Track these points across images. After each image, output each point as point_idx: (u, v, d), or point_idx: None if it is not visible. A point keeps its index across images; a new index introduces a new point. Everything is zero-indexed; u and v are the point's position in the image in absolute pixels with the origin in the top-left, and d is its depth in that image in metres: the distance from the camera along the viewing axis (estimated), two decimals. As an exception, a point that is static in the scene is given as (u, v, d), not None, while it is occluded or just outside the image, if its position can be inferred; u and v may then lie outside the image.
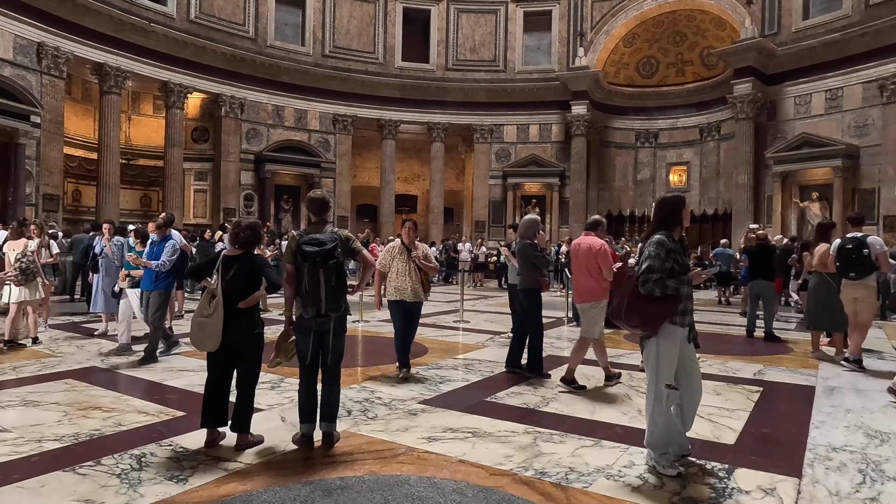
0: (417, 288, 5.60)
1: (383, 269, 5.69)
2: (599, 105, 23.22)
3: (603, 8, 22.42)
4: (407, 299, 5.57)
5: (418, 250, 5.69)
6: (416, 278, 5.59)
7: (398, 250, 5.68)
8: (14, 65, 15.11)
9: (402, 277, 5.57)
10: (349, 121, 22.73)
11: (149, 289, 6.32)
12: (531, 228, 6.11)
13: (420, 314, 5.87)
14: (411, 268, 5.60)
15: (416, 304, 5.70)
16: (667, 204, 3.57)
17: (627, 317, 3.38)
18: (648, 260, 3.34)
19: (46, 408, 4.47)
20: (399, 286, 5.57)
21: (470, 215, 24.73)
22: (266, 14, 21.04)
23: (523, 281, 6.02)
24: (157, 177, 20.33)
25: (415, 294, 5.59)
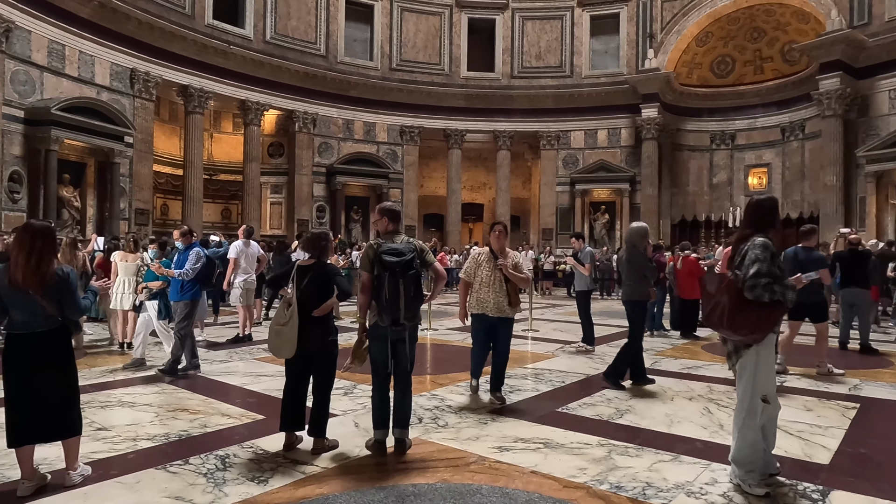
0: (502, 301, 4.93)
1: (468, 279, 5.08)
2: (671, 107, 22.46)
3: (673, 7, 21.73)
4: (489, 313, 4.95)
5: (507, 258, 5.02)
6: (501, 290, 4.93)
7: (485, 258, 5.07)
8: (110, 90, 16.37)
9: (485, 288, 4.96)
10: (416, 132, 23.10)
11: (175, 299, 6.12)
12: (641, 237, 5.89)
13: (509, 333, 5.11)
14: (496, 278, 4.94)
15: (501, 321, 4.98)
16: (761, 206, 3.40)
17: (732, 324, 3.16)
18: (756, 264, 3.13)
19: (140, 409, 4.78)
20: (482, 298, 4.98)
21: (537, 223, 24.48)
22: (336, 31, 21.78)
23: (631, 292, 5.77)
24: (237, 190, 21.38)
25: (498, 308, 4.93)
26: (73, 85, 15.38)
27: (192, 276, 6.04)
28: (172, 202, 20.71)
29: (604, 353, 7.61)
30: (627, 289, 5.84)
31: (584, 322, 7.94)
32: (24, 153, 14.20)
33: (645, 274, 5.74)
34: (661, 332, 9.55)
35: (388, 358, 3.80)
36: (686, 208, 23.01)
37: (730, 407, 4.94)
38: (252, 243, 8.76)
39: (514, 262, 5.03)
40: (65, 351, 3.18)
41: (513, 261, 5.03)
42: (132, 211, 16.92)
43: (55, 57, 14.99)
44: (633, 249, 5.83)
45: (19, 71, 14.13)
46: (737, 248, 3.35)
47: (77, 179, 15.57)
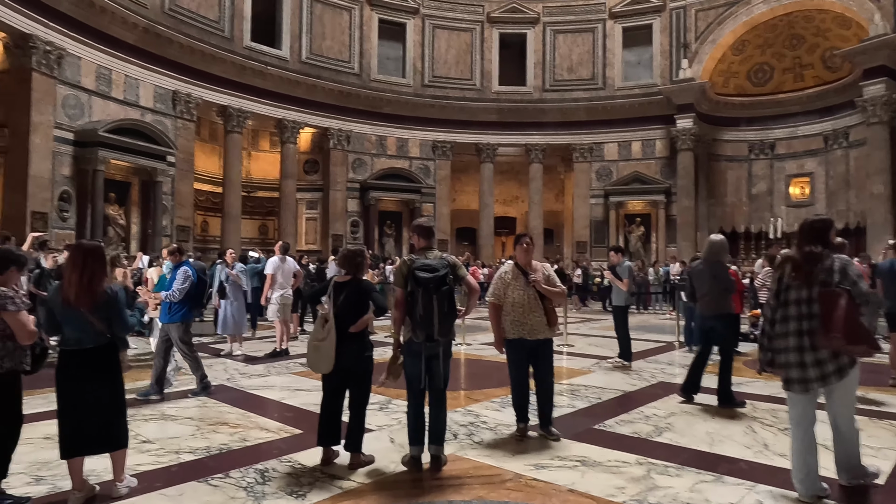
0: (539, 321, 4.39)
1: (497, 301, 4.49)
2: (707, 117, 22.09)
3: (708, 17, 21.45)
4: (527, 336, 4.40)
5: (537, 273, 4.48)
6: (537, 309, 4.38)
7: (512, 275, 4.49)
8: (154, 111, 17.00)
9: (518, 309, 4.38)
10: (448, 147, 23.25)
11: (164, 321, 5.83)
12: (723, 250, 5.77)
13: (550, 356, 4.57)
14: (530, 295, 4.40)
15: (541, 344, 4.44)
16: (814, 228, 3.41)
17: (852, 339, 3.11)
18: (861, 281, 3.24)
19: (182, 422, 4.90)
20: (516, 319, 4.40)
21: (570, 236, 24.28)
22: (370, 50, 22.19)
23: (716, 306, 5.59)
24: (274, 207, 21.85)
25: (536, 329, 4.39)
26: (119, 107, 16.03)
27: (180, 297, 5.70)
28: (212, 219, 21.26)
29: (641, 369, 7.47)
30: (709, 303, 5.62)
31: (622, 337, 7.81)
32: (73, 173, 14.83)
33: (727, 287, 5.58)
34: (700, 346, 9.32)
35: (423, 374, 3.81)
36: (724, 220, 22.49)
37: (774, 426, 4.79)
38: (288, 259, 8.92)
39: (544, 275, 4.50)
40: (113, 366, 3.30)
41: (543, 274, 4.50)
42: (174, 228, 17.44)
43: (103, 81, 15.66)
44: (713, 263, 5.67)
45: (70, 95, 14.81)
46: (812, 266, 3.29)
47: (122, 198, 16.15)
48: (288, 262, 8.81)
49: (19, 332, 3.12)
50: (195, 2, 17.95)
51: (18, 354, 3.18)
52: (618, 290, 7.94)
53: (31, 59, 13.72)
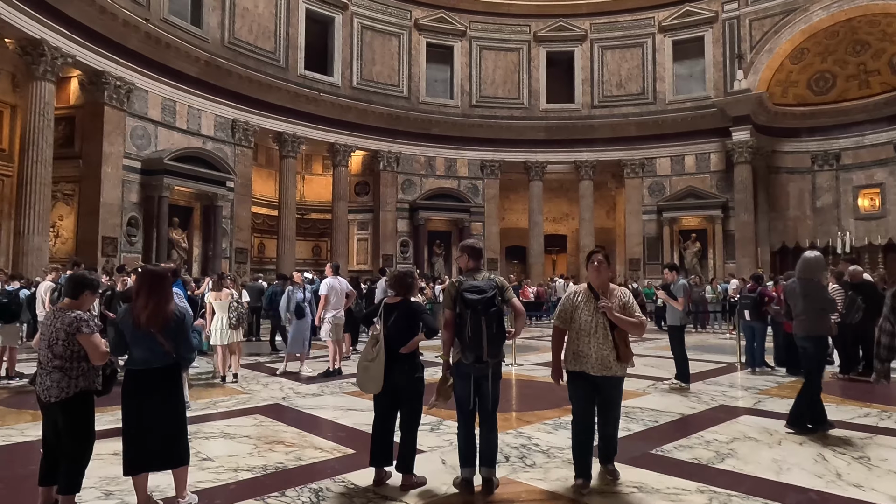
0: (607, 355, 3.75)
1: (562, 325, 3.94)
2: (765, 129, 21.35)
3: (763, 26, 20.84)
4: (590, 371, 3.77)
5: (611, 297, 3.85)
6: (605, 340, 3.76)
7: (583, 297, 3.90)
8: (214, 140, 17.83)
9: (585, 338, 3.80)
10: (496, 165, 23.32)
11: None
12: (818, 267, 5.55)
13: (618, 396, 3.93)
14: (600, 324, 3.78)
15: (607, 382, 3.79)
16: None
17: None
18: None
19: (240, 440, 5.04)
20: (581, 350, 3.80)
21: (623, 253, 23.78)
22: (418, 73, 22.63)
23: (811, 327, 5.29)
24: (326, 228, 22.40)
25: (602, 364, 3.75)
26: (183, 136, 16.90)
27: None
28: (268, 241, 21.97)
29: (700, 392, 7.20)
30: (804, 323, 5.33)
31: (678, 358, 7.56)
32: (141, 200, 15.68)
33: (824, 307, 5.35)
34: (763, 368, 8.91)
35: (472, 395, 3.80)
36: (786, 234, 21.56)
37: (847, 454, 4.51)
38: (340, 279, 9.08)
39: (621, 301, 3.85)
40: (177, 386, 3.44)
41: (620, 300, 3.85)
42: (233, 250, 18.13)
43: (168, 112, 16.57)
44: (808, 281, 5.42)
45: (137, 126, 15.73)
46: None
47: (185, 222, 16.93)
48: (341, 282, 8.96)
49: (93, 353, 3.31)
50: (252, 34, 18.83)
51: (91, 375, 3.36)
52: (673, 309, 7.70)
53: (104, 94, 14.69)
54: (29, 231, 13.01)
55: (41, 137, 13.29)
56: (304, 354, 8.69)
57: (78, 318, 3.30)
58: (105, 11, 14.28)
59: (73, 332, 3.27)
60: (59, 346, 3.27)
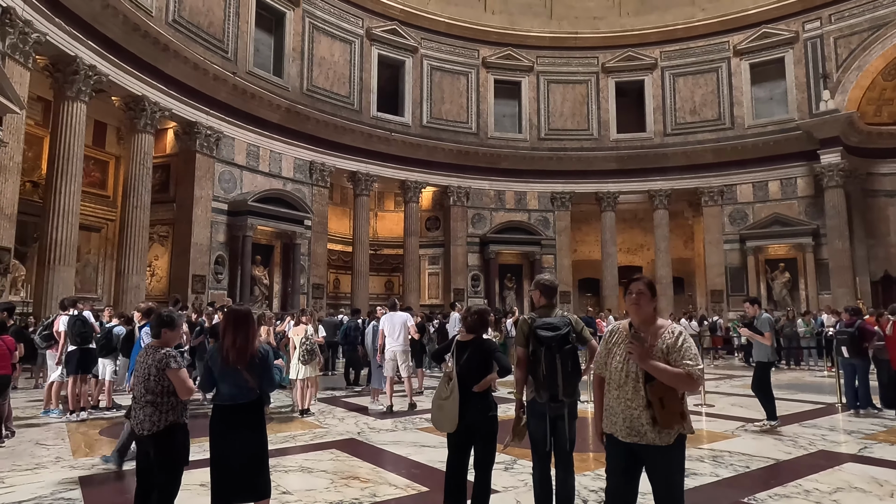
0: (637, 415, 2.75)
1: (601, 373, 3.01)
2: (857, 150, 20.03)
3: (850, 43, 19.77)
4: (618, 435, 2.82)
5: (654, 338, 2.82)
6: (636, 395, 2.77)
7: (619, 337, 2.96)
8: (293, 181, 18.77)
9: (614, 390, 2.88)
10: (567, 197, 23.10)
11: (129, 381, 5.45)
12: None
13: (669, 474, 2.75)
14: (630, 372, 2.82)
15: (646, 451, 2.75)
16: None
17: None
18: None
19: (317, 475, 5.14)
20: (609, 406, 2.91)
21: (704, 285, 22.71)
22: (486, 110, 22.99)
23: None
24: (398, 263, 22.84)
25: (630, 426, 2.77)
26: (265, 179, 17.89)
27: None
28: (343, 276, 22.64)
29: (796, 435, 6.68)
30: None
31: (764, 397, 7.09)
32: (227, 239, 16.65)
33: None
34: (869, 410, 8.16)
35: (548, 435, 3.70)
36: (889, 262, 19.91)
37: (975, 510, 4.02)
38: (396, 314, 9.02)
39: (664, 343, 2.80)
40: (260, 420, 3.58)
41: (665, 342, 2.80)
42: (310, 286, 18.81)
43: (251, 157, 17.65)
44: None
45: (225, 171, 16.82)
46: None
47: (266, 260, 17.79)
48: (395, 316, 8.93)
49: (180, 387, 3.51)
50: (329, 81, 19.87)
51: (179, 409, 3.56)
52: (759, 344, 7.26)
53: (196, 143, 15.87)
54: (128, 270, 14.08)
55: (140, 184, 14.48)
56: (377, 390, 8.79)
57: (167, 354, 3.53)
58: (198, 68, 15.54)
59: (162, 368, 3.49)
60: (151, 381, 3.49)
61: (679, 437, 2.74)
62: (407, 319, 8.83)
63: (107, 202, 16.37)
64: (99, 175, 16.35)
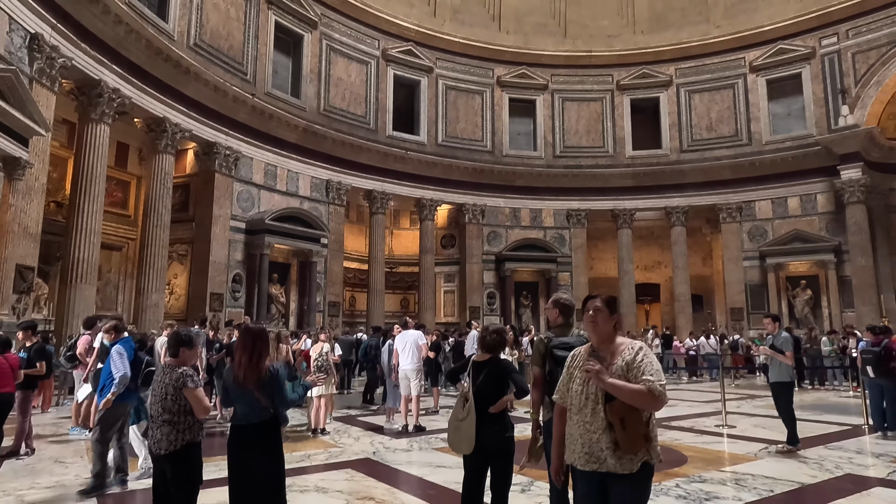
0: (596, 439, 2.56)
1: (562, 401, 2.82)
2: (879, 165, 19.75)
3: (868, 58, 19.60)
4: (576, 463, 2.64)
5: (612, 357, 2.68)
6: (595, 417, 2.58)
7: (581, 360, 2.76)
8: (310, 200, 18.95)
9: (574, 415, 2.69)
10: (582, 214, 23.02)
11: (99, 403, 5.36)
12: None
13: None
14: (590, 395, 2.63)
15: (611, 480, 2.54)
16: None
17: None
18: None
19: (333, 495, 5.11)
20: (571, 434, 2.69)
21: (723, 302, 22.37)
22: (501, 128, 23.10)
23: None
24: (414, 281, 22.85)
25: (589, 452, 2.58)
26: (282, 198, 18.09)
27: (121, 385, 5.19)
28: (359, 294, 22.69)
29: (822, 458, 6.51)
30: None
31: (787, 419, 6.92)
32: (244, 258, 16.80)
33: None
34: (897, 432, 7.93)
35: (566, 457, 3.65)
36: (915, 279, 19.46)
37: None
38: (408, 332, 8.99)
39: (624, 360, 2.62)
40: (276, 440, 3.58)
41: (623, 359, 2.63)
42: (326, 304, 18.87)
43: (269, 176, 17.88)
44: None
45: (243, 190, 17.05)
46: None
47: (283, 278, 17.90)
48: (407, 334, 8.88)
49: (196, 406, 3.53)
50: (345, 101, 20.14)
51: (196, 428, 3.58)
52: (779, 364, 7.10)
53: (215, 163, 16.12)
54: (148, 289, 14.26)
55: (161, 204, 14.72)
56: (392, 409, 8.75)
57: (184, 373, 3.56)
58: (218, 90, 15.85)
59: (179, 387, 3.51)
60: (168, 400, 3.52)
61: (644, 466, 2.51)
62: (419, 338, 8.79)
63: (128, 221, 16.65)
64: (121, 195, 16.66)
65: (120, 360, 5.29)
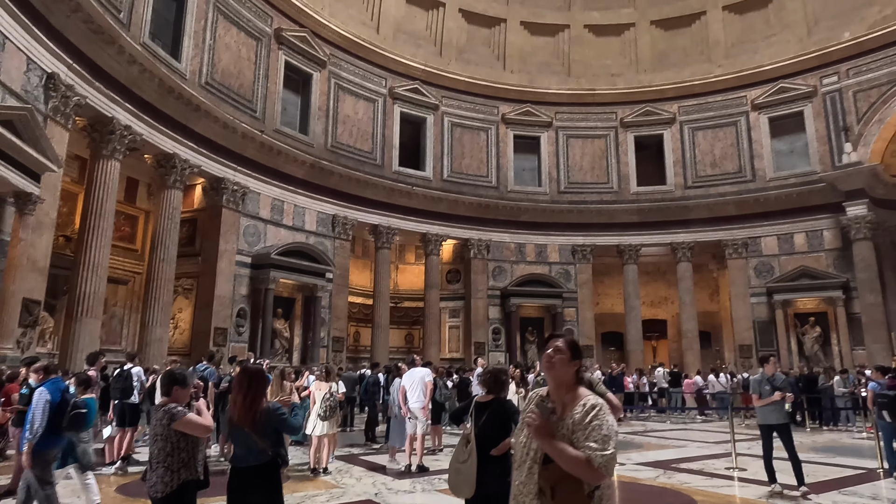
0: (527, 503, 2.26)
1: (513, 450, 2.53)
2: (884, 202, 19.73)
3: (870, 97, 19.80)
4: None
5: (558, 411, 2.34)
6: (529, 477, 2.28)
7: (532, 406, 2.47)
8: (316, 234, 19.06)
9: (515, 471, 2.40)
10: (588, 250, 23.01)
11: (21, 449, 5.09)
12: None
13: None
14: (531, 449, 2.30)
15: None
16: None
17: None
18: None
19: (332, 539, 4.98)
20: (513, 491, 2.36)
21: (732, 339, 22.11)
22: (506, 164, 23.33)
23: None
24: (419, 316, 22.75)
25: None
26: (288, 232, 18.21)
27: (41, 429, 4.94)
28: (363, 329, 22.60)
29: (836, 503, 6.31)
30: None
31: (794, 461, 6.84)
32: (249, 292, 16.82)
33: None
34: (912, 476, 7.71)
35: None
36: (926, 317, 19.20)
37: None
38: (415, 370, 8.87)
39: (573, 418, 2.24)
40: (275, 483, 3.51)
41: (573, 416, 2.25)
42: (330, 339, 18.78)
43: (276, 211, 18.03)
44: None
45: (249, 225, 17.18)
46: None
47: (287, 312, 17.86)
48: (414, 372, 8.76)
49: (195, 430, 3.47)
50: (352, 137, 20.46)
51: (192, 465, 3.51)
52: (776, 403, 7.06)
53: (223, 198, 16.30)
54: (153, 323, 14.25)
55: (168, 238, 14.84)
56: (395, 448, 8.60)
57: (167, 410, 3.51)
58: (227, 126, 16.15)
59: (168, 424, 3.47)
60: (158, 441, 3.48)
61: None
62: (426, 375, 8.69)
63: (135, 255, 16.76)
64: (128, 229, 16.80)
65: (37, 407, 5.00)
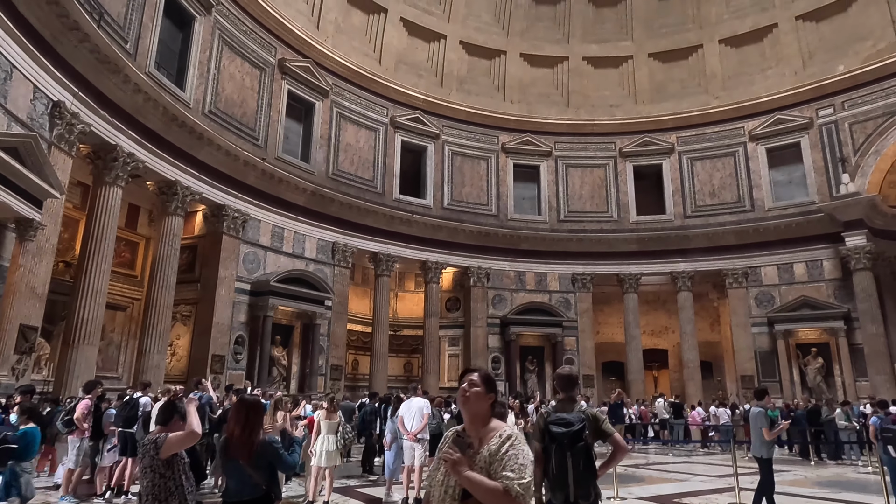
0: None
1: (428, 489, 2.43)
2: (883, 233, 19.76)
3: (866, 129, 20.02)
4: None
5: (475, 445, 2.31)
6: None
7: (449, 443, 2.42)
8: (316, 262, 19.05)
9: None
10: (588, 279, 22.97)
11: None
12: None
13: None
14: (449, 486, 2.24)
15: None
16: None
17: None
18: None
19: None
20: None
21: (733, 370, 21.90)
22: (506, 192, 23.46)
23: None
24: (418, 345, 22.59)
25: None
26: (288, 259, 18.21)
27: None
28: (362, 357, 22.42)
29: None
30: None
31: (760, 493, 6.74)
32: (248, 319, 16.74)
33: None
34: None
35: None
36: (930, 348, 19.06)
37: None
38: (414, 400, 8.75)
39: (489, 450, 2.23)
40: (266, 518, 3.44)
41: (489, 448, 2.23)
42: (328, 367, 18.62)
43: (276, 238, 18.07)
44: None
45: (249, 252, 17.19)
46: None
47: (285, 340, 17.75)
48: (412, 402, 8.64)
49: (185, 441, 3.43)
50: (353, 165, 20.63)
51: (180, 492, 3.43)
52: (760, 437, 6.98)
53: (223, 225, 16.35)
54: (150, 350, 14.14)
55: (168, 265, 14.83)
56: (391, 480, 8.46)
57: (149, 440, 3.47)
58: (229, 154, 16.29)
59: (154, 454, 3.40)
60: (149, 472, 3.43)
61: None
62: (424, 406, 8.57)
63: (134, 282, 16.73)
64: (129, 255, 16.81)
65: None
